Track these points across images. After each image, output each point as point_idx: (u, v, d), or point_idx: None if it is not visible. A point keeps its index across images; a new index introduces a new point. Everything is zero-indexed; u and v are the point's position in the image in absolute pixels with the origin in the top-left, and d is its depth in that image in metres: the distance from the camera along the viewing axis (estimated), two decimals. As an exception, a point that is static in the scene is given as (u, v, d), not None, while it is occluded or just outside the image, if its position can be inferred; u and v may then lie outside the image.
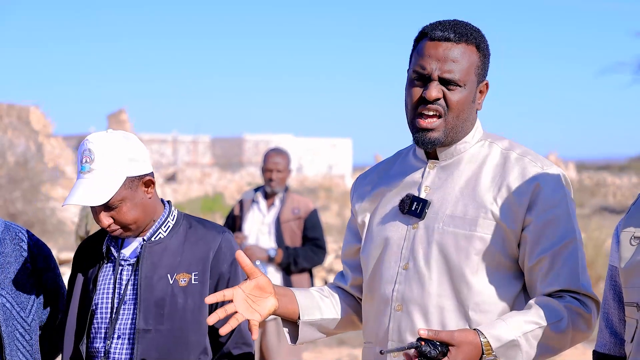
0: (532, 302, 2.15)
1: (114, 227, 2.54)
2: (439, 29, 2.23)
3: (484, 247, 2.19)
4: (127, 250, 2.62)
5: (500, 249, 2.20)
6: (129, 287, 2.57)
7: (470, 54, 2.23)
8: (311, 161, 43.07)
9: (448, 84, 2.21)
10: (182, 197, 26.70)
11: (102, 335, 2.57)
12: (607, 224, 15.19)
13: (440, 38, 2.22)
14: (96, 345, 2.58)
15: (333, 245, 12.66)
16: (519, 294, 2.23)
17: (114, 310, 2.57)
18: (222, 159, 41.82)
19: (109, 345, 2.55)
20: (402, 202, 2.28)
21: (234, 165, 39.80)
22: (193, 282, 2.56)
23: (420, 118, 2.23)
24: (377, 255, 2.31)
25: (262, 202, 5.80)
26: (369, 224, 2.35)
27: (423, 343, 1.98)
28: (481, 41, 2.26)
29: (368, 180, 2.42)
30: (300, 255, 5.69)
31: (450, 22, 2.26)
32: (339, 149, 45.18)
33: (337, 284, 2.46)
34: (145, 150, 2.61)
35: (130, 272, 2.59)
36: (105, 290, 2.60)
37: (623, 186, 33.06)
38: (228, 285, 2.58)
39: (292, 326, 2.34)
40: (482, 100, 2.30)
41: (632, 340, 1.92)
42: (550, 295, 2.17)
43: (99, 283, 2.61)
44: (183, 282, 2.56)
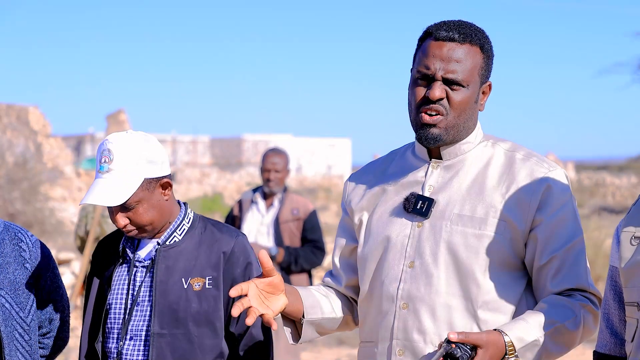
0: (546, 301, 2.17)
1: (130, 227, 2.55)
2: (444, 29, 2.23)
3: (494, 246, 2.20)
4: (142, 252, 2.62)
5: (508, 248, 2.21)
6: (143, 289, 2.58)
7: (474, 54, 2.24)
8: (310, 161, 43.09)
9: (451, 84, 2.22)
10: (181, 197, 26.71)
11: (115, 335, 2.58)
12: (606, 224, 15.20)
13: (444, 38, 2.23)
14: (109, 345, 2.59)
15: (332, 246, 12.64)
16: (524, 292, 2.24)
17: (127, 311, 2.57)
18: (221, 159, 41.83)
19: (122, 347, 2.56)
20: (406, 201, 2.28)
21: (233, 166, 39.81)
22: (207, 287, 2.56)
23: (427, 116, 2.24)
24: (379, 254, 2.30)
25: (261, 203, 5.80)
26: (368, 223, 2.35)
27: (454, 346, 2.01)
28: (485, 42, 2.27)
29: (364, 180, 2.41)
30: (301, 255, 5.69)
31: (455, 23, 2.27)
32: (337, 149, 45.20)
33: (330, 285, 2.45)
34: (164, 152, 2.60)
35: (144, 274, 2.59)
36: (119, 291, 2.60)
37: (622, 186, 33.09)
38: None
39: (293, 325, 2.34)
40: (484, 101, 2.31)
41: (632, 340, 1.92)
42: (560, 293, 2.19)
43: (113, 283, 2.62)
44: (197, 286, 2.55)
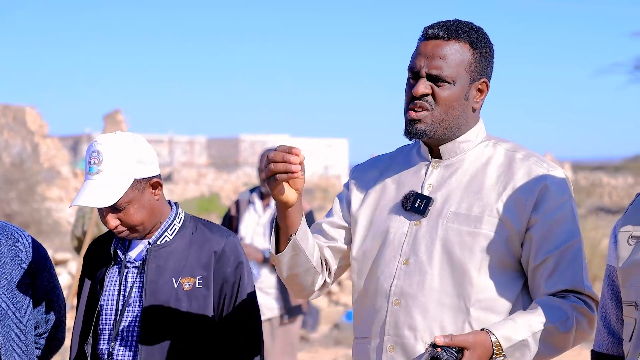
0: (538, 301, 2.16)
1: (120, 228, 2.54)
2: (431, 27, 2.28)
3: (489, 245, 2.20)
4: (133, 253, 2.62)
5: (503, 247, 2.20)
6: (134, 290, 2.58)
7: (462, 51, 2.25)
8: (307, 161, 43.04)
9: (436, 80, 2.24)
10: (178, 197, 26.69)
11: (106, 336, 2.58)
12: (602, 224, 15.22)
13: (430, 36, 2.27)
14: (101, 346, 2.58)
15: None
16: (520, 292, 2.23)
17: (119, 312, 2.57)
18: (218, 160, 41.83)
19: (113, 347, 2.55)
20: (405, 199, 2.29)
21: (230, 166, 39.81)
22: (197, 286, 2.56)
23: (412, 111, 2.26)
24: (376, 250, 2.31)
25: (258, 203, 5.79)
26: (368, 218, 2.35)
27: (440, 349, 2.00)
28: (476, 39, 2.27)
29: (368, 174, 2.42)
30: (296, 256, 5.67)
31: (445, 21, 2.29)
32: (335, 149, 45.23)
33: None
34: (153, 152, 2.60)
35: (135, 275, 2.59)
36: (110, 292, 2.60)
37: (618, 186, 33.13)
38: (233, 289, 2.59)
39: (277, 236, 2.26)
40: (480, 99, 2.30)
41: (630, 339, 1.92)
42: (554, 294, 2.18)
43: (105, 284, 2.61)
44: (187, 286, 2.55)
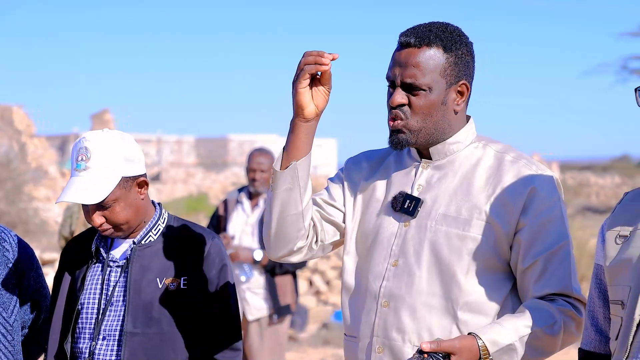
0: (526, 305, 2.16)
1: (105, 226, 2.53)
2: (404, 35, 2.26)
3: (477, 248, 2.19)
4: (116, 252, 2.61)
5: (492, 249, 2.20)
6: (117, 289, 2.56)
7: (435, 56, 2.23)
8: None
9: (412, 89, 2.24)
10: (166, 197, 26.62)
11: (87, 335, 2.56)
12: (590, 223, 15.29)
13: (402, 44, 2.26)
14: (80, 345, 2.57)
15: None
16: (508, 295, 2.23)
17: (100, 311, 2.56)
18: (207, 159, 41.76)
19: (94, 346, 2.54)
20: (394, 200, 2.29)
21: (219, 166, 39.74)
22: (182, 287, 2.55)
23: (391, 121, 2.27)
24: (366, 249, 2.31)
25: (246, 203, 5.77)
26: (358, 216, 2.35)
27: (426, 355, 2.00)
28: (450, 42, 2.25)
29: (361, 170, 2.40)
30: (286, 257, 5.66)
31: (418, 27, 2.27)
32: (323, 149, 45.19)
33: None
34: (141, 151, 2.60)
35: (118, 274, 2.58)
36: (92, 291, 2.59)
37: (606, 186, 33.26)
38: (216, 291, 2.58)
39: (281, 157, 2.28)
40: (462, 102, 2.29)
41: (616, 338, 1.92)
42: (542, 297, 2.18)
43: (86, 283, 2.60)
44: (172, 286, 2.55)
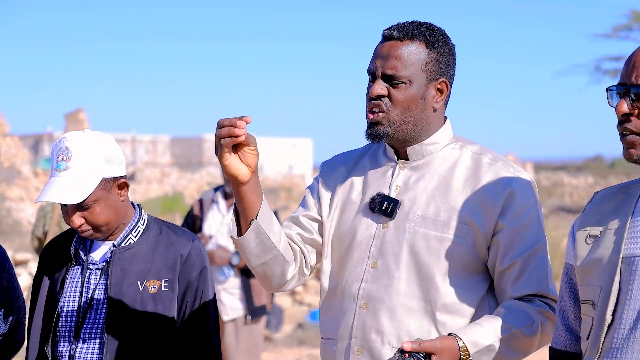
0: (504, 306, 2.18)
1: (85, 227, 2.52)
2: (387, 29, 2.29)
3: (455, 250, 2.20)
4: (96, 254, 2.60)
5: (470, 251, 2.22)
6: (97, 292, 2.55)
7: (417, 51, 2.26)
8: (272, 161, 42.97)
9: (392, 80, 2.25)
10: (141, 197, 26.47)
11: (67, 338, 2.55)
12: (563, 223, 15.39)
13: (385, 37, 2.29)
14: (60, 348, 2.55)
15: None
16: (485, 295, 2.25)
17: (81, 314, 2.54)
18: (182, 159, 41.57)
19: (74, 349, 2.52)
20: (372, 201, 2.29)
21: (194, 165, 39.58)
22: (163, 289, 2.54)
23: (370, 113, 2.28)
24: (344, 251, 2.31)
25: (222, 202, 5.74)
26: (336, 218, 2.35)
27: (407, 355, 2.01)
28: (433, 39, 2.27)
29: (337, 172, 2.41)
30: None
31: (401, 23, 2.30)
32: (299, 148, 45.18)
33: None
34: (122, 152, 2.58)
35: (98, 277, 2.56)
36: (72, 294, 2.57)
37: (579, 186, 33.52)
38: (196, 293, 2.57)
39: (237, 221, 2.24)
40: (441, 100, 2.30)
41: (587, 338, 1.93)
42: (519, 298, 2.20)
43: (66, 285, 2.58)
44: (153, 288, 2.54)
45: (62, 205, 2.50)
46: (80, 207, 2.49)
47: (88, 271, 2.57)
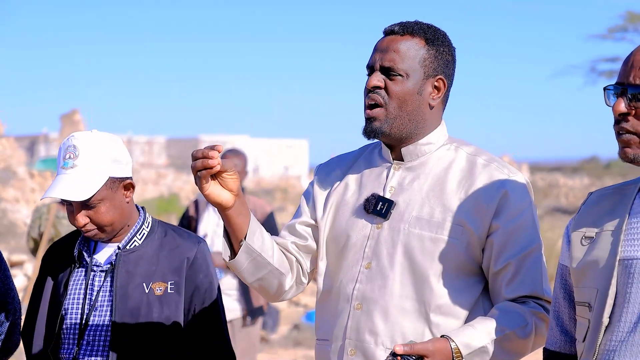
0: (498, 307, 2.18)
1: (89, 227, 2.51)
2: (389, 26, 2.31)
3: (449, 251, 2.20)
4: (100, 257, 2.58)
5: (464, 253, 2.21)
6: (101, 294, 2.54)
7: (416, 46, 2.27)
8: (267, 162, 42.99)
9: (389, 73, 2.26)
10: (137, 198, 26.43)
11: (71, 340, 2.54)
12: (559, 224, 15.43)
13: (386, 32, 2.31)
14: (64, 351, 2.54)
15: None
16: (479, 297, 2.25)
17: (84, 316, 2.53)
18: (178, 160, 41.57)
19: (78, 352, 2.51)
20: (367, 202, 2.29)
21: (190, 166, 39.55)
22: (169, 292, 2.53)
23: (368, 109, 2.28)
24: (339, 252, 2.31)
25: (218, 204, 5.74)
26: (331, 220, 2.35)
27: (399, 358, 2.00)
28: (433, 37, 2.29)
29: (332, 174, 2.41)
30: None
31: (404, 21, 2.31)
32: (295, 150, 45.20)
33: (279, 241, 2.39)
34: (128, 154, 2.59)
35: (102, 279, 2.55)
36: (76, 296, 2.56)
37: (575, 187, 33.60)
38: (203, 297, 2.56)
39: (230, 244, 2.27)
40: (437, 97, 2.30)
41: (584, 340, 1.92)
42: (514, 300, 2.20)
43: (69, 288, 2.57)
44: (159, 291, 2.53)
45: (67, 205, 2.50)
46: (86, 206, 2.48)
47: (92, 273, 2.56)
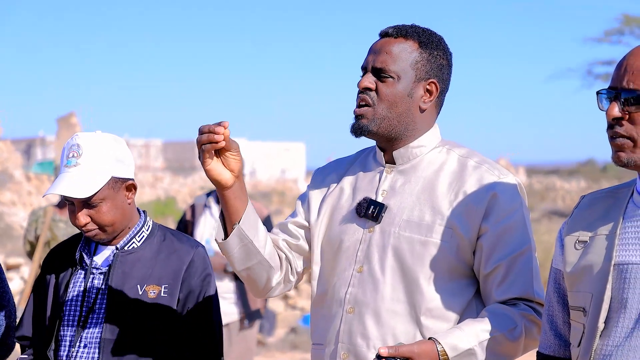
0: (487, 309, 2.17)
1: (90, 226, 2.51)
2: (385, 28, 2.32)
3: (439, 254, 2.20)
4: (99, 258, 2.59)
5: (455, 255, 2.21)
6: (99, 296, 2.54)
7: (409, 49, 2.27)
8: (265, 165, 42.99)
9: (380, 74, 2.26)
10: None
11: (68, 342, 2.54)
12: (556, 227, 15.42)
13: (381, 34, 2.32)
14: (61, 352, 2.55)
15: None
16: (472, 300, 2.25)
17: (82, 317, 2.54)
18: (175, 163, 41.55)
19: (74, 353, 2.52)
20: (359, 206, 2.29)
21: (187, 169, 39.54)
22: (162, 295, 2.54)
23: (356, 107, 2.29)
24: (332, 256, 2.31)
25: (215, 207, 5.72)
26: (325, 223, 2.35)
27: None
28: (428, 41, 2.29)
29: (328, 178, 2.42)
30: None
31: (401, 24, 2.32)
32: (292, 153, 45.21)
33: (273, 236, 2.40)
34: (132, 156, 2.60)
35: (101, 281, 2.56)
36: (74, 298, 2.57)
37: (572, 190, 33.60)
38: (198, 299, 2.57)
39: (224, 224, 2.27)
40: (429, 101, 2.30)
41: (578, 345, 1.91)
42: (504, 302, 2.19)
43: (69, 290, 2.58)
44: (152, 293, 2.53)
45: (69, 205, 2.51)
46: (87, 205, 2.49)
47: (91, 275, 2.57)
